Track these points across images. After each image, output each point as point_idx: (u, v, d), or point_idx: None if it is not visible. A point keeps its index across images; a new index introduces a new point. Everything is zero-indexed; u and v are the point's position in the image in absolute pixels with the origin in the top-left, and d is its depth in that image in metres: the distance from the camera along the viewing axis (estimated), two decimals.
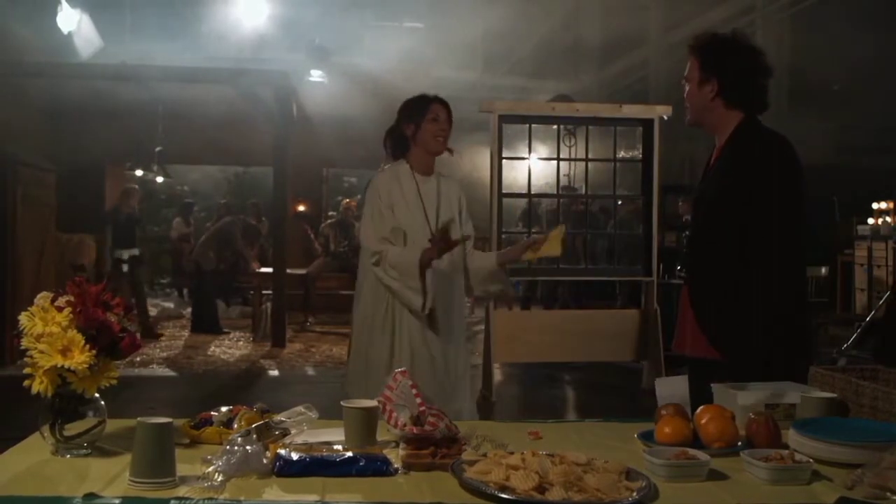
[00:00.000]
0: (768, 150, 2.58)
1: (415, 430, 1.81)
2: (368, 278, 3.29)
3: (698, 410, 1.95)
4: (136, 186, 11.04)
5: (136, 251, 9.93)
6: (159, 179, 11.97)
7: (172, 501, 1.52)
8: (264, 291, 10.18)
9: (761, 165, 2.55)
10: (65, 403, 1.77)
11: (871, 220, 10.30)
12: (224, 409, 2.00)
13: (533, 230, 7.57)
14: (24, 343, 1.75)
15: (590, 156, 7.04)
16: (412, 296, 3.17)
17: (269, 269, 10.24)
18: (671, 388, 2.12)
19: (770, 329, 2.46)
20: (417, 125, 3.30)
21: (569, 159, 7.14)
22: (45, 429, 1.78)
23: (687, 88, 2.69)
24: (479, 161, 7.94)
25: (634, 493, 1.56)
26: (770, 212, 2.51)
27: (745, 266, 2.52)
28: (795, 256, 2.54)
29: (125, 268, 9.65)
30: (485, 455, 1.72)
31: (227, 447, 1.65)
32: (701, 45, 2.66)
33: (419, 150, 3.32)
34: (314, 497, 1.55)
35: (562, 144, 6.99)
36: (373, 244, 3.23)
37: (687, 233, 8.12)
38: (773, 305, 2.47)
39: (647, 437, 1.93)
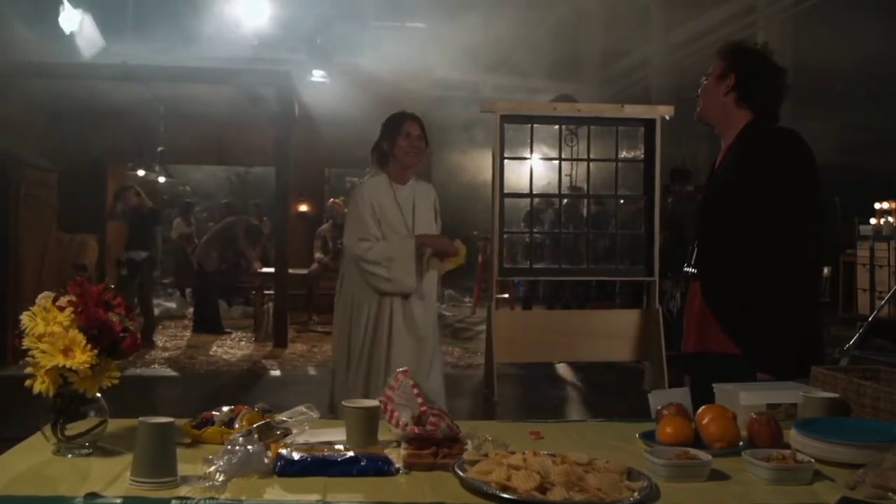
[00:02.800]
0: (776, 146, 2.60)
1: (416, 430, 1.81)
2: (349, 273, 3.75)
3: (700, 410, 1.95)
4: (133, 185, 10.24)
5: (144, 253, 9.19)
6: (161, 179, 11.97)
7: (174, 501, 1.52)
8: (266, 291, 10.19)
9: (770, 162, 2.57)
10: (66, 403, 1.77)
11: (872, 221, 10.32)
12: (225, 408, 2.00)
13: (535, 230, 7.57)
14: (26, 343, 1.75)
15: (591, 156, 7.03)
16: (406, 279, 3.63)
17: (271, 270, 10.24)
18: (667, 401, 2.11)
19: (783, 326, 2.48)
20: (392, 141, 3.71)
21: (570, 159, 7.12)
22: (47, 429, 1.78)
23: (704, 84, 2.76)
24: (480, 161, 7.93)
25: (636, 493, 1.56)
26: (780, 208, 2.52)
27: (756, 263, 2.52)
28: (808, 254, 2.54)
29: (124, 271, 9.14)
30: (486, 455, 1.72)
31: (229, 447, 1.65)
32: (729, 47, 2.77)
33: (395, 162, 3.75)
34: (315, 497, 1.55)
35: (563, 144, 6.99)
36: (353, 245, 3.68)
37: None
38: (787, 302, 2.49)
39: (648, 436, 1.93)
